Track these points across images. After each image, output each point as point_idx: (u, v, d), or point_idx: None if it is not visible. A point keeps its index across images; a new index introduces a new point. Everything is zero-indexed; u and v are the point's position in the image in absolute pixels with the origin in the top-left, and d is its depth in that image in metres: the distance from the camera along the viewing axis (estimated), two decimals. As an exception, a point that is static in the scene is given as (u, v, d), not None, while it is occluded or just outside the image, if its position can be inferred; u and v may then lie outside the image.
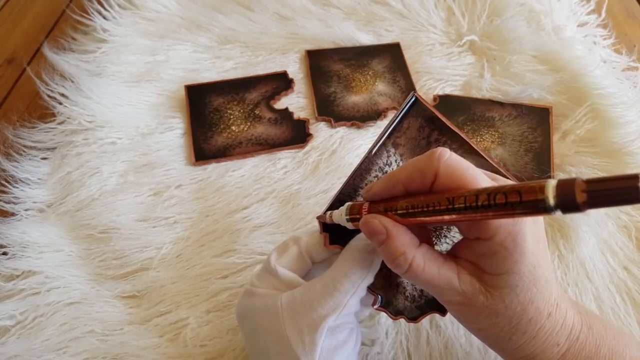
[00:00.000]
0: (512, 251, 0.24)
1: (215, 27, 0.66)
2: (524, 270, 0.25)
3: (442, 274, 0.26)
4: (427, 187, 0.25)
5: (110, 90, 0.57)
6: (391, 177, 0.27)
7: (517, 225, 0.24)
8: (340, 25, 0.65)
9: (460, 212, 0.23)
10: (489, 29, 0.65)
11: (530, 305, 0.26)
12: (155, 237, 0.47)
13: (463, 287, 0.26)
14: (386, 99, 0.59)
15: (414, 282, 0.27)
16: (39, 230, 0.46)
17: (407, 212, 0.26)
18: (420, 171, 0.25)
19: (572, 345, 0.28)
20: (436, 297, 0.28)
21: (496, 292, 0.25)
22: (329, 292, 0.30)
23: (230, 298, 0.43)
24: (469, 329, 0.29)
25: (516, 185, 0.21)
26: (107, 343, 0.40)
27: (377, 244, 0.27)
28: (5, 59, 0.66)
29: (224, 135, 0.55)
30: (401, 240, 0.26)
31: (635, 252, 0.46)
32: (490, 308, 0.26)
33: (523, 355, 0.28)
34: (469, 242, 0.26)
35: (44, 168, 0.52)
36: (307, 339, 0.29)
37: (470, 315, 0.27)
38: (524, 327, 0.26)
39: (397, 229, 0.26)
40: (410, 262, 0.26)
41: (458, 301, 0.26)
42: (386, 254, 0.26)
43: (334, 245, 0.33)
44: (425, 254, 0.26)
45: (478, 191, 0.22)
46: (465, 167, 0.25)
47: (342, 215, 0.30)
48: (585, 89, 0.57)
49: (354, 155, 0.53)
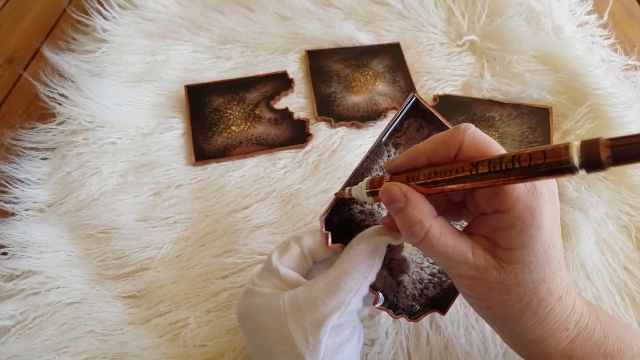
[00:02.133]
0: (529, 225, 0.24)
1: (215, 27, 0.66)
2: (538, 247, 0.25)
3: (457, 246, 0.26)
4: (450, 159, 0.26)
5: (110, 90, 0.57)
6: (415, 149, 0.27)
7: (536, 200, 0.24)
8: (340, 25, 0.65)
9: (483, 178, 0.23)
10: (489, 29, 0.65)
11: (542, 285, 0.26)
12: (155, 237, 0.47)
13: (476, 261, 0.26)
14: (386, 99, 0.59)
15: (427, 253, 0.27)
16: (39, 230, 0.46)
17: (429, 180, 0.26)
18: (444, 143, 0.26)
19: (581, 332, 0.28)
20: (447, 271, 0.28)
21: (509, 267, 0.25)
22: (332, 290, 0.30)
23: (230, 298, 0.43)
24: (478, 308, 0.29)
25: (540, 147, 0.21)
26: (107, 343, 0.40)
27: (394, 211, 0.27)
28: (5, 59, 0.66)
29: (224, 135, 0.55)
30: (419, 209, 0.26)
31: (635, 252, 0.46)
32: (502, 284, 0.26)
33: (531, 338, 0.27)
34: (485, 217, 0.26)
35: (44, 168, 0.52)
36: (310, 337, 0.29)
37: (480, 291, 0.27)
38: (534, 308, 0.26)
39: (416, 197, 0.26)
40: (426, 230, 0.26)
41: (470, 275, 0.26)
42: (403, 222, 0.26)
43: (336, 245, 0.33)
44: (442, 225, 0.26)
45: (502, 155, 0.23)
46: (489, 140, 0.25)
47: (362, 188, 0.30)
48: (585, 89, 0.57)
49: (354, 155, 0.53)
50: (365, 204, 0.34)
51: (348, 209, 0.34)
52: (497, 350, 0.39)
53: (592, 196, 0.49)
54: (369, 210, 0.34)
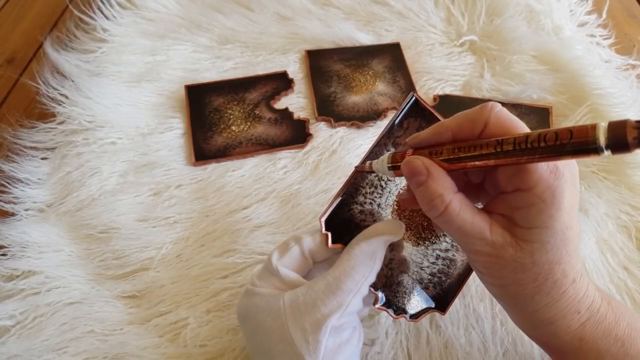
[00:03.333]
0: (549, 205, 0.24)
1: (215, 27, 0.66)
2: (557, 227, 0.25)
3: (475, 222, 0.26)
4: (475, 137, 0.26)
5: (110, 90, 0.57)
6: (440, 125, 0.27)
7: (558, 181, 0.24)
8: (340, 25, 0.65)
9: (507, 155, 0.23)
10: (488, 28, 0.65)
11: (557, 266, 0.26)
12: (155, 237, 0.47)
13: (494, 238, 0.26)
14: (386, 99, 0.59)
15: (445, 227, 0.27)
16: (39, 230, 0.46)
17: (452, 156, 0.26)
18: (470, 120, 0.26)
19: (593, 316, 0.28)
20: (463, 247, 0.28)
21: (527, 245, 0.25)
22: (332, 291, 0.30)
23: (230, 298, 0.43)
24: (491, 286, 0.29)
25: (567, 127, 0.21)
26: (107, 343, 0.40)
27: (415, 185, 0.27)
28: (5, 59, 0.66)
29: (224, 135, 0.55)
30: (440, 183, 0.26)
31: (635, 252, 0.46)
32: (517, 262, 0.26)
33: (543, 319, 0.28)
34: (505, 196, 0.26)
35: (44, 168, 0.52)
36: (310, 338, 0.29)
37: (495, 269, 0.27)
38: (548, 288, 0.26)
39: (438, 171, 0.26)
40: (446, 204, 0.26)
41: (486, 252, 0.26)
42: (423, 195, 0.26)
43: (336, 245, 0.33)
44: (462, 201, 0.26)
45: (528, 133, 0.23)
46: (515, 120, 0.25)
47: (384, 162, 0.30)
48: (585, 89, 0.57)
49: (354, 155, 0.53)
50: (364, 204, 0.34)
51: (348, 209, 0.34)
52: (497, 350, 0.39)
53: (592, 196, 0.49)
54: (369, 210, 0.34)
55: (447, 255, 0.36)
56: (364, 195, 0.34)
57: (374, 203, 0.35)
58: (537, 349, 0.39)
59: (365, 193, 0.34)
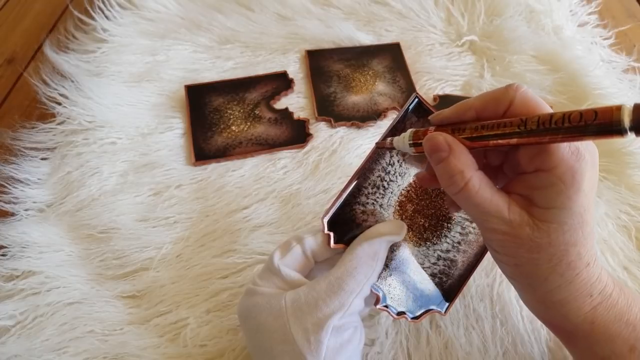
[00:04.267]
0: (569, 186, 0.25)
1: (215, 27, 0.66)
2: (575, 209, 0.25)
3: (494, 200, 0.26)
4: (498, 116, 0.26)
5: (110, 90, 0.57)
6: (464, 103, 0.27)
7: (579, 163, 0.25)
8: (340, 25, 0.65)
9: (530, 134, 0.24)
10: (488, 29, 0.65)
11: (573, 248, 0.26)
12: (155, 237, 0.47)
13: (511, 217, 0.26)
14: (386, 99, 0.59)
15: (464, 204, 0.27)
16: (39, 230, 0.46)
17: (475, 134, 0.26)
18: (495, 99, 0.26)
19: (605, 300, 0.28)
20: (480, 225, 0.28)
21: (544, 225, 0.26)
22: (334, 291, 0.30)
23: (230, 298, 0.43)
24: (505, 265, 0.29)
25: (592, 107, 0.21)
26: (107, 343, 0.40)
27: (436, 161, 0.27)
28: (5, 59, 0.66)
29: (224, 135, 0.55)
30: (462, 160, 0.26)
31: (635, 252, 0.46)
32: (533, 242, 0.26)
33: (555, 300, 0.28)
34: (525, 176, 0.27)
35: (44, 168, 0.52)
36: (312, 338, 0.29)
37: (511, 247, 0.27)
38: (562, 270, 0.26)
39: (460, 148, 0.26)
40: (466, 181, 0.26)
41: (503, 230, 0.27)
42: (444, 171, 0.27)
43: (338, 245, 0.33)
44: (482, 179, 0.27)
45: (553, 112, 0.23)
46: (540, 101, 0.26)
47: (405, 139, 0.30)
48: (585, 89, 0.57)
49: (354, 155, 0.53)
50: (367, 205, 0.34)
51: (350, 209, 0.34)
52: (497, 350, 0.39)
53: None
54: (371, 210, 0.34)
55: (448, 256, 0.36)
56: (366, 195, 0.34)
57: (376, 203, 0.35)
58: (537, 349, 0.39)
59: (368, 193, 0.34)
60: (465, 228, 0.37)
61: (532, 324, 0.40)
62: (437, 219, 0.36)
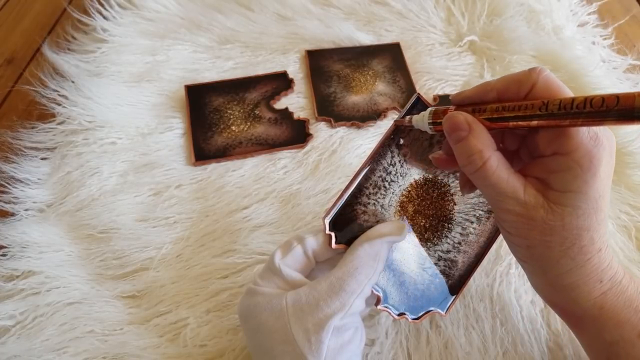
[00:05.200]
0: (585, 170, 0.25)
1: (215, 27, 0.66)
2: (590, 194, 0.25)
3: (510, 181, 0.27)
4: (520, 98, 0.26)
5: (110, 90, 0.57)
6: (486, 84, 0.28)
7: (597, 148, 0.25)
8: (340, 25, 0.65)
9: (551, 117, 0.24)
10: (488, 29, 0.65)
11: (586, 233, 0.26)
12: (155, 237, 0.47)
13: (527, 198, 0.26)
14: (386, 99, 0.59)
15: (481, 184, 0.27)
16: (39, 230, 0.46)
17: (495, 115, 0.26)
18: (517, 81, 0.26)
19: (615, 287, 0.28)
20: (494, 205, 0.28)
21: (558, 208, 0.26)
22: (335, 291, 0.30)
23: (230, 298, 0.43)
24: (517, 247, 0.29)
25: (614, 93, 0.21)
26: (107, 343, 0.40)
27: (455, 140, 0.27)
28: (5, 59, 0.66)
29: (224, 135, 0.55)
30: (481, 139, 0.26)
31: (635, 252, 0.46)
32: (547, 224, 0.26)
33: (565, 284, 0.28)
34: (542, 160, 0.27)
35: (44, 168, 0.52)
36: (313, 338, 0.29)
37: (524, 229, 0.27)
38: (574, 253, 0.27)
39: (479, 128, 0.27)
40: (485, 161, 0.26)
41: (517, 212, 0.27)
42: (462, 151, 0.27)
43: (339, 245, 0.33)
44: (500, 159, 0.27)
45: (575, 96, 0.23)
46: (562, 85, 0.26)
47: (425, 118, 0.30)
48: (586, 89, 0.57)
49: (354, 155, 0.53)
50: (368, 205, 0.34)
51: (351, 209, 0.34)
52: (497, 350, 0.39)
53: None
54: (372, 211, 0.34)
55: (449, 256, 0.36)
56: (367, 196, 0.34)
57: (377, 204, 0.35)
58: (537, 349, 0.39)
59: (369, 194, 0.34)
60: (466, 229, 0.37)
61: (532, 324, 0.40)
62: (437, 220, 0.36)
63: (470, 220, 0.37)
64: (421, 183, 0.36)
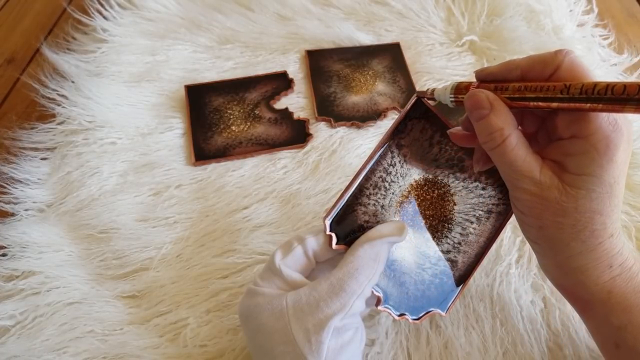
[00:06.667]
0: (602, 155, 0.25)
1: (215, 27, 0.66)
2: (605, 179, 0.26)
3: (528, 160, 0.27)
4: (544, 79, 0.26)
5: (110, 90, 0.57)
6: (511, 62, 0.28)
7: (615, 133, 0.25)
8: (340, 25, 0.65)
9: (572, 100, 0.24)
10: (488, 29, 0.65)
11: (598, 217, 0.26)
12: (155, 237, 0.47)
13: (542, 178, 0.27)
14: (386, 99, 0.59)
15: (499, 160, 0.28)
16: (39, 230, 0.46)
17: (517, 94, 0.26)
18: (542, 62, 0.26)
19: (624, 272, 0.28)
20: (510, 183, 0.29)
21: (572, 191, 0.26)
22: (335, 292, 0.30)
23: (230, 298, 0.43)
24: (529, 228, 0.29)
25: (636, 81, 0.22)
26: (107, 343, 0.40)
27: (476, 118, 0.27)
28: (5, 59, 0.66)
29: (224, 135, 0.55)
30: (502, 117, 0.27)
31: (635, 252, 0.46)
32: (560, 205, 0.27)
33: (575, 266, 0.28)
34: (560, 143, 0.27)
35: (44, 168, 0.52)
36: (313, 339, 0.29)
37: (537, 209, 0.28)
38: (585, 237, 0.27)
39: (501, 106, 0.27)
40: (505, 138, 0.27)
41: (531, 191, 0.27)
42: (483, 128, 0.27)
43: (340, 246, 0.33)
44: (519, 138, 0.27)
45: (597, 81, 0.23)
46: (587, 68, 0.26)
47: (447, 91, 0.31)
48: (585, 88, 0.56)
49: (354, 155, 0.53)
50: (368, 205, 0.34)
51: (352, 210, 0.34)
52: (497, 350, 0.39)
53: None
54: (373, 211, 0.34)
55: (449, 256, 0.36)
56: (368, 196, 0.34)
57: (378, 204, 0.35)
58: (537, 349, 0.39)
59: (369, 194, 0.34)
60: (466, 229, 0.37)
61: (532, 324, 0.40)
62: (437, 220, 0.36)
63: (470, 221, 0.37)
64: (421, 183, 0.36)
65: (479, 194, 0.36)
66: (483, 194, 0.36)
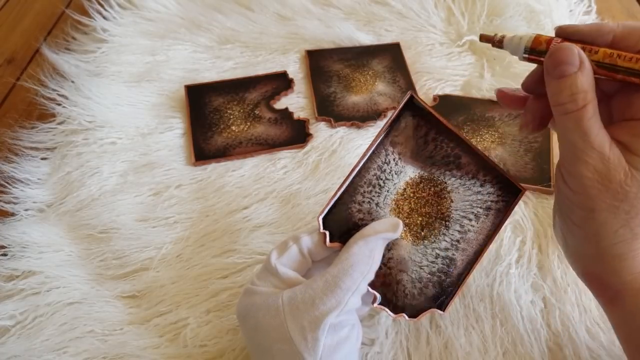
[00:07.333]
0: None
1: (215, 27, 0.66)
2: None
3: (600, 134, 0.25)
4: (636, 51, 0.25)
5: (110, 90, 0.57)
6: (604, 25, 0.26)
7: None
8: (340, 25, 0.65)
9: None
10: (488, 29, 0.65)
11: None
12: (155, 237, 0.47)
13: (611, 155, 0.25)
14: (386, 99, 0.59)
15: (570, 127, 0.26)
16: (39, 230, 0.46)
17: (606, 61, 0.25)
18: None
19: None
20: (572, 156, 0.26)
21: (638, 174, 0.25)
22: (331, 289, 0.30)
23: (230, 298, 0.43)
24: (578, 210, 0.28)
25: None
26: (107, 343, 0.40)
27: (559, 74, 0.25)
28: (5, 59, 0.66)
29: (224, 135, 0.55)
30: (589, 80, 0.25)
31: (635, 252, 0.46)
32: (622, 188, 0.25)
33: (614, 254, 0.27)
34: (630, 122, 0.26)
35: (44, 168, 0.52)
36: (309, 336, 0.29)
37: (595, 188, 0.26)
38: (634, 224, 0.26)
39: (589, 67, 0.25)
40: (586, 103, 0.25)
41: (597, 168, 0.26)
42: (566, 86, 0.25)
43: (334, 243, 0.33)
44: (596, 107, 0.25)
45: None
46: None
47: (521, 42, 0.28)
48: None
49: (354, 155, 0.53)
50: (363, 203, 0.34)
51: (346, 208, 0.34)
52: (497, 350, 0.39)
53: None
54: (367, 209, 0.34)
55: (447, 254, 0.36)
56: (362, 194, 0.34)
57: (372, 202, 0.35)
58: (537, 349, 0.39)
59: (364, 192, 0.34)
60: (464, 226, 0.36)
61: (532, 324, 0.40)
62: (434, 217, 0.36)
63: (468, 218, 0.37)
64: (417, 181, 0.36)
65: (477, 190, 0.36)
66: (481, 191, 0.36)
